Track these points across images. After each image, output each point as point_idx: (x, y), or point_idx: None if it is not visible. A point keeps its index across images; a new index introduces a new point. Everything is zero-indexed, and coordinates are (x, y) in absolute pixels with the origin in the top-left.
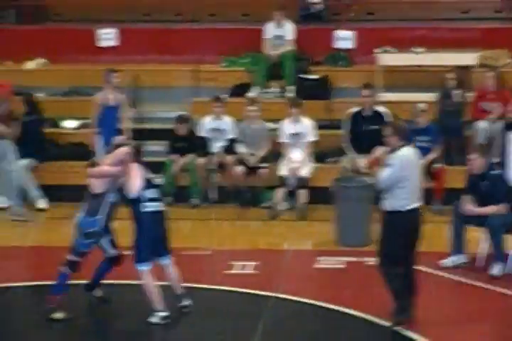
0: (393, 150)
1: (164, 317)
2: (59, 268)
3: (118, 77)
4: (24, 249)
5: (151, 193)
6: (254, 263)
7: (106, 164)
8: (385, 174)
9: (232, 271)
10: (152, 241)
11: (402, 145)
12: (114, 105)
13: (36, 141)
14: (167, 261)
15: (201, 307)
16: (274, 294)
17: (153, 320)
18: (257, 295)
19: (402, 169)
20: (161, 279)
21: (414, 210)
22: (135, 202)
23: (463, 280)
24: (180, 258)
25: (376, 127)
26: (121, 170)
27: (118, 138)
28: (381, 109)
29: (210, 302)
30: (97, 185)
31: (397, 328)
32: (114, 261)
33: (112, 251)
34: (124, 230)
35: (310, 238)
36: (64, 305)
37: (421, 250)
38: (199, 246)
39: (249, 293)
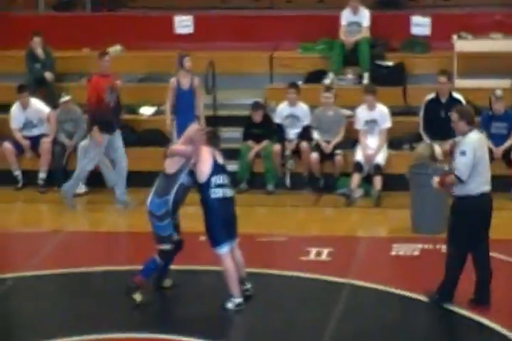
0: (463, 135)
1: (239, 304)
2: (153, 255)
3: (189, 61)
4: (98, 235)
5: (220, 179)
6: (329, 249)
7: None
8: (462, 164)
9: (307, 258)
10: (221, 223)
11: (470, 130)
12: (187, 89)
13: None
14: (233, 244)
15: (276, 294)
16: (349, 281)
17: (229, 305)
18: (332, 282)
19: (475, 154)
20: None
21: (484, 194)
22: (203, 188)
23: None
24: (255, 245)
25: None
26: (191, 150)
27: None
28: (457, 95)
29: (285, 289)
30: (170, 165)
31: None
32: (175, 247)
33: (175, 237)
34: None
35: (385, 225)
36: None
37: (497, 237)
38: (274, 233)
39: (324, 280)
